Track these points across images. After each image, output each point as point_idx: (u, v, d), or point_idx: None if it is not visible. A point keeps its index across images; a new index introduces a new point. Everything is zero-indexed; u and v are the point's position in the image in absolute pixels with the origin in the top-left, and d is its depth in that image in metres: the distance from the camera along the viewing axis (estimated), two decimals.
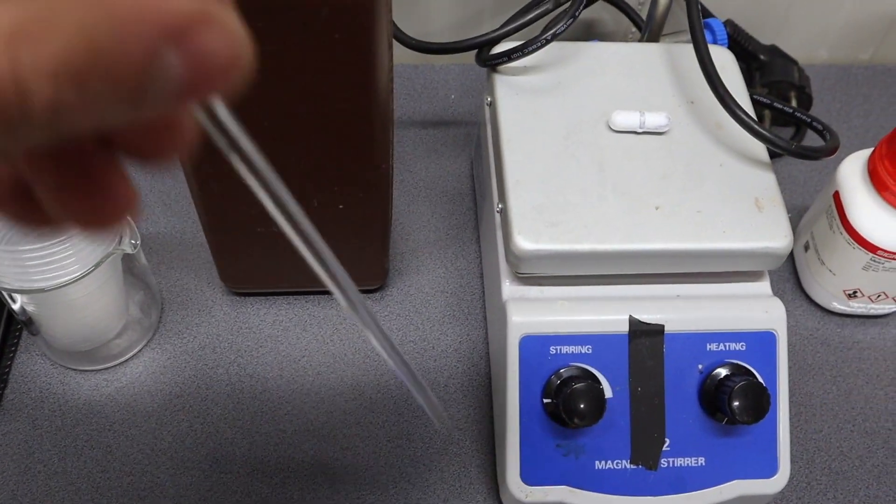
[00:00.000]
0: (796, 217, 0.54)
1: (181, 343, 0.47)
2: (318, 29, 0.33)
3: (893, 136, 0.43)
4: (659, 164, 0.42)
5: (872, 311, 0.49)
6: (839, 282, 0.48)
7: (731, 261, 0.41)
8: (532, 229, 0.39)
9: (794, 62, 0.58)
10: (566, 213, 0.40)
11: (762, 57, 0.58)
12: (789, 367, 0.48)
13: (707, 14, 0.57)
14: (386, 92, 0.37)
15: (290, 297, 0.49)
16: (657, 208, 0.41)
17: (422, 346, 0.47)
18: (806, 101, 0.57)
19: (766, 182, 0.42)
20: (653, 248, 0.40)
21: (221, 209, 0.42)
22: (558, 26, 0.43)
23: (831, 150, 0.42)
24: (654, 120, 0.43)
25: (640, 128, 0.43)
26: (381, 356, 0.28)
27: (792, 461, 0.44)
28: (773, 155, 0.44)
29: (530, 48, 0.44)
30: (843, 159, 0.48)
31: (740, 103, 0.43)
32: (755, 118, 0.42)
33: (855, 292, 0.48)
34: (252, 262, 0.46)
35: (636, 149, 0.43)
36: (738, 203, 0.41)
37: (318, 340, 0.47)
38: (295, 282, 0.48)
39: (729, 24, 0.58)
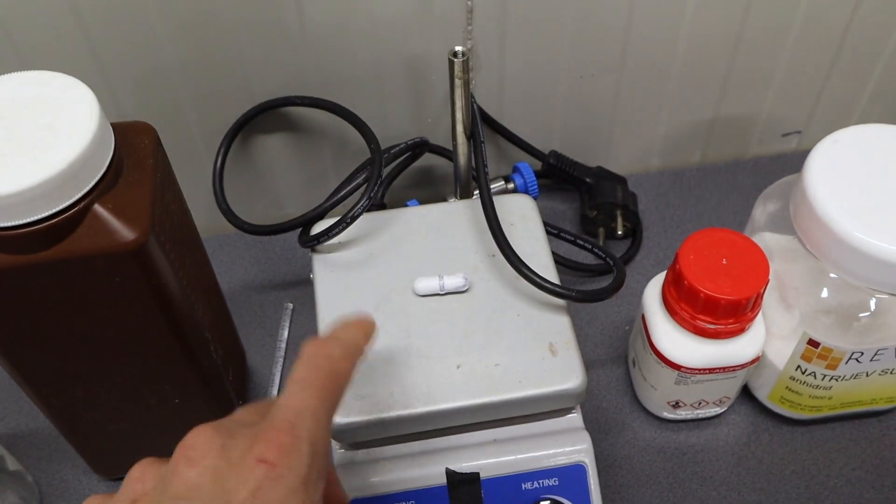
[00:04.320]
0: (630, 332, 0.58)
1: None
2: (98, 275, 0.37)
3: (674, 264, 0.48)
4: (461, 323, 0.46)
5: (700, 416, 0.53)
6: (660, 395, 0.52)
7: (530, 405, 0.45)
8: (343, 404, 0.43)
9: (621, 181, 0.63)
10: (373, 383, 0.44)
11: (588, 180, 0.63)
12: (630, 481, 0.52)
13: (532, 150, 0.63)
14: (186, 307, 0.41)
15: None
16: (458, 367, 0.45)
17: None
18: (632, 217, 0.62)
19: (559, 326, 0.46)
20: (454, 406, 0.43)
21: (68, 417, 0.46)
22: (356, 209, 0.48)
23: (615, 289, 0.47)
24: (453, 282, 0.47)
25: (442, 290, 0.47)
26: None
27: None
28: None
29: (335, 231, 0.48)
30: (649, 282, 0.52)
31: (536, 251, 0.48)
32: (539, 274, 0.46)
33: (677, 402, 0.52)
34: (115, 453, 0.50)
35: (440, 311, 0.47)
36: (533, 351, 0.45)
37: None
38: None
39: (552, 156, 0.63)
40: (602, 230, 0.62)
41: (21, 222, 0.34)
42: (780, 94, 0.64)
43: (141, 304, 0.39)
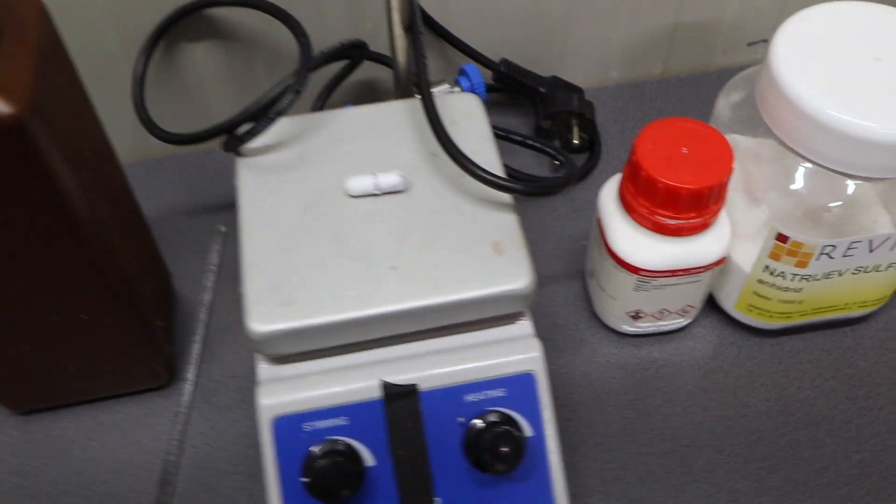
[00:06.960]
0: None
1: None
2: None
3: (631, 156, 0.44)
4: (398, 225, 0.42)
5: (663, 328, 0.49)
6: (620, 305, 0.48)
7: (474, 309, 0.41)
8: (264, 311, 0.39)
9: (577, 90, 0.59)
10: (302, 288, 0.40)
11: (542, 90, 0.59)
12: (589, 398, 0.48)
13: (482, 58, 0.58)
14: (83, 204, 0.37)
15: (76, 407, 0.48)
16: (394, 269, 0.40)
17: (210, 437, 0.46)
18: (589, 127, 0.58)
19: (506, 224, 0.42)
20: (388, 310, 0.39)
21: None
22: (282, 103, 0.43)
23: (565, 182, 0.43)
24: (388, 180, 0.43)
25: (377, 190, 0.43)
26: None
27: (589, 494, 0.44)
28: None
29: (259, 128, 0.44)
30: (604, 184, 0.48)
31: (482, 149, 0.44)
32: (485, 167, 0.42)
33: (637, 313, 0.48)
34: (22, 381, 0.45)
35: (375, 212, 0.43)
36: (477, 250, 0.41)
37: (106, 448, 0.46)
38: (78, 391, 0.47)
39: (504, 63, 0.59)
40: (557, 142, 0.58)
41: None
42: None
43: (26, 193, 0.34)
